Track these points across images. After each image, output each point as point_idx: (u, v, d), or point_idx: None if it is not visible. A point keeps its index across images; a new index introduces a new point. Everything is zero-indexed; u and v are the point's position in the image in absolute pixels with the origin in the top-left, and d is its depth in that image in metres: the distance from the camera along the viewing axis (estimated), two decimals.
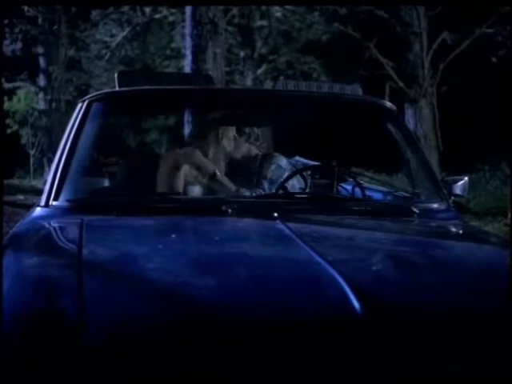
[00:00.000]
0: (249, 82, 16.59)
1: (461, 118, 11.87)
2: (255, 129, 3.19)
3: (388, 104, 2.93)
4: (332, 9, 12.96)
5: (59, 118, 15.61)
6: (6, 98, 16.34)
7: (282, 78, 14.09)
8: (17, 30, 16.42)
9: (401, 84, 11.58)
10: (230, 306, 1.47)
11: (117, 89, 2.87)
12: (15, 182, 15.22)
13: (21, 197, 11.55)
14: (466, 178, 2.81)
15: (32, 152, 16.68)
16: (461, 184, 2.76)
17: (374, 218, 2.38)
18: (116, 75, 2.95)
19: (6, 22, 15.98)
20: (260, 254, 1.89)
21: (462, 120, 11.91)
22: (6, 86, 16.22)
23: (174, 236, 2.09)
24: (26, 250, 1.94)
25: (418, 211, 2.40)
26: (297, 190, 2.96)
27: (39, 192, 2.53)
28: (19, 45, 16.62)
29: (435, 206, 2.53)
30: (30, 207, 2.63)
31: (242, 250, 1.92)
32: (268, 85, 15.45)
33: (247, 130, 3.15)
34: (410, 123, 11.32)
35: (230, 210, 2.21)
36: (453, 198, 2.69)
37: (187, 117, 5.99)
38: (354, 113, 2.99)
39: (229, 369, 1.32)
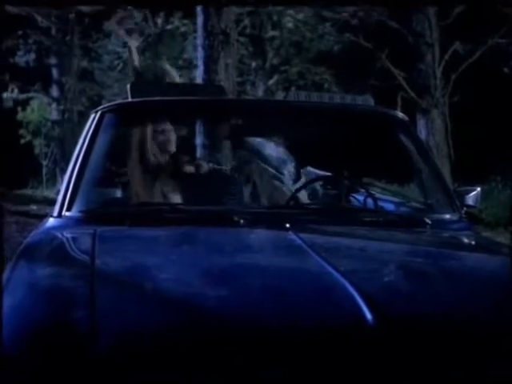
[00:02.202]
0: (260, 93, 16.61)
1: (473, 128, 11.83)
2: None
3: (400, 114, 2.93)
4: (343, 19, 12.96)
5: (72, 129, 15.69)
6: (19, 109, 16.44)
7: (293, 88, 14.10)
8: (30, 40, 16.54)
9: (412, 94, 11.55)
10: (242, 316, 1.47)
11: (129, 100, 2.89)
12: (28, 192, 15.30)
13: (34, 207, 11.61)
14: (479, 189, 2.81)
15: (45, 162, 16.76)
16: (473, 194, 2.76)
17: (386, 229, 2.38)
18: (128, 86, 2.96)
19: (19, 32, 16.11)
20: (272, 264, 1.89)
21: (474, 130, 11.87)
22: (20, 96, 16.33)
23: (186, 246, 2.10)
24: (40, 260, 1.95)
25: (430, 222, 2.39)
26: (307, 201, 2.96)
27: (52, 202, 2.54)
28: (33, 56, 16.74)
29: (447, 216, 2.52)
30: (42, 217, 2.65)
31: (253, 261, 1.92)
32: (279, 95, 15.46)
33: None
34: (421, 133, 11.29)
35: (241, 221, 2.21)
36: (465, 208, 2.68)
37: (199, 127, 6.01)
38: (365, 123, 2.99)
39: (241, 381, 1.33)
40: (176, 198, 2.82)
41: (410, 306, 1.58)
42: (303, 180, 3.21)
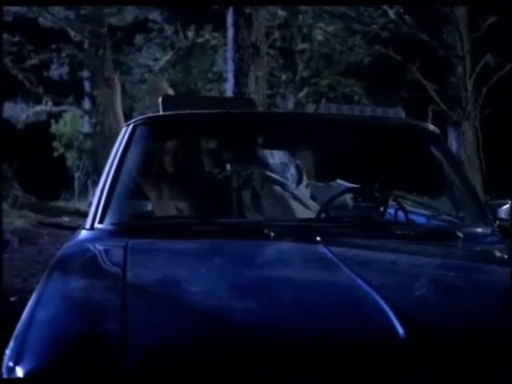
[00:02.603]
0: (290, 105, 16.62)
1: (504, 140, 11.72)
2: None
3: (431, 127, 2.92)
4: (373, 32, 12.95)
5: (103, 141, 15.83)
6: (52, 122, 16.66)
7: (323, 101, 14.11)
8: (64, 54, 16.77)
9: (443, 107, 11.49)
10: (273, 330, 1.47)
11: (161, 113, 2.91)
12: (60, 203, 15.43)
13: (66, 219, 11.71)
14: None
15: (77, 175, 16.92)
16: (506, 208, 2.73)
17: (417, 242, 2.36)
18: (160, 99, 2.98)
19: (53, 46, 16.35)
20: (303, 277, 1.89)
21: (506, 143, 11.76)
22: (54, 109, 16.55)
23: (217, 259, 2.10)
24: (72, 272, 1.96)
25: (462, 235, 2.37)
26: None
27: (83, 214, 2.56)
28: (66, 69, 16.96)
29: (480, 230, 2.50)
30: (74, 229, 2.67)
31: (284, 274, 1.92)
32: (309, 108, 15.45)
33: None
34: (453, 146, 11.21)
35: (272, 234, 2.21)
36: (497, 222, 2.65)
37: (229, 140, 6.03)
38: (397, 136, 2.98)
39: None
40: (196, 211, 2.82)
41: (441, 320, 1.57)
42: (305, 182, 3.20)
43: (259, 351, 1.40)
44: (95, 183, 14.78)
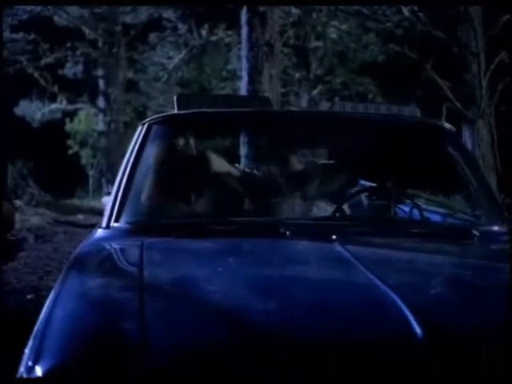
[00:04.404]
0: (304, 103, 16.62)
1: None
2: None
3: (447, 125, 2.91)
4: (388, 29, 12.92)
5: (118, 139, 15.91)
6: (67, 120, 16.76)
7: (336, 99, 14.09)
8: (78, 52, 16.84)
9: (458, 105, 11.44)
10: (291, 330, 1.47)
11: (176, 111, 2.91)
12: (75, 201, 15.52)
13: (81, 217, 11.78)
14: None
15: (91, 173, 17.01)
16: None
17: (433, 241, 2.36)
18: (175, 98, 2.98)
19: (68, 45, 16.44)
20: (319, 277, 1.89)
21: None
22: (68, 107, 16.65)
23: (233, 258, 2.10)
24: (89, 271, 1.97)
25: (478, 234, 2.36)
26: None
27: (98, 212, 2.57)
28: (80, 67, 17.04)
29: (496, 228, 2.48)
30: (89, 227, 2.68)
31: (300, 273, 1.92)
32: (323, 106, 15.43)
33: None
34: (467, 144, 11.15)
35: (288, 232, 2.21)
36: None
37: (243, 138, 6.03)
38: (413, 134, 2.97)
39: None
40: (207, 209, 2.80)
41: (459, 320, 1.56)
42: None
43: (276, 351, 1.40)
44: (109, 181, 14.85)
